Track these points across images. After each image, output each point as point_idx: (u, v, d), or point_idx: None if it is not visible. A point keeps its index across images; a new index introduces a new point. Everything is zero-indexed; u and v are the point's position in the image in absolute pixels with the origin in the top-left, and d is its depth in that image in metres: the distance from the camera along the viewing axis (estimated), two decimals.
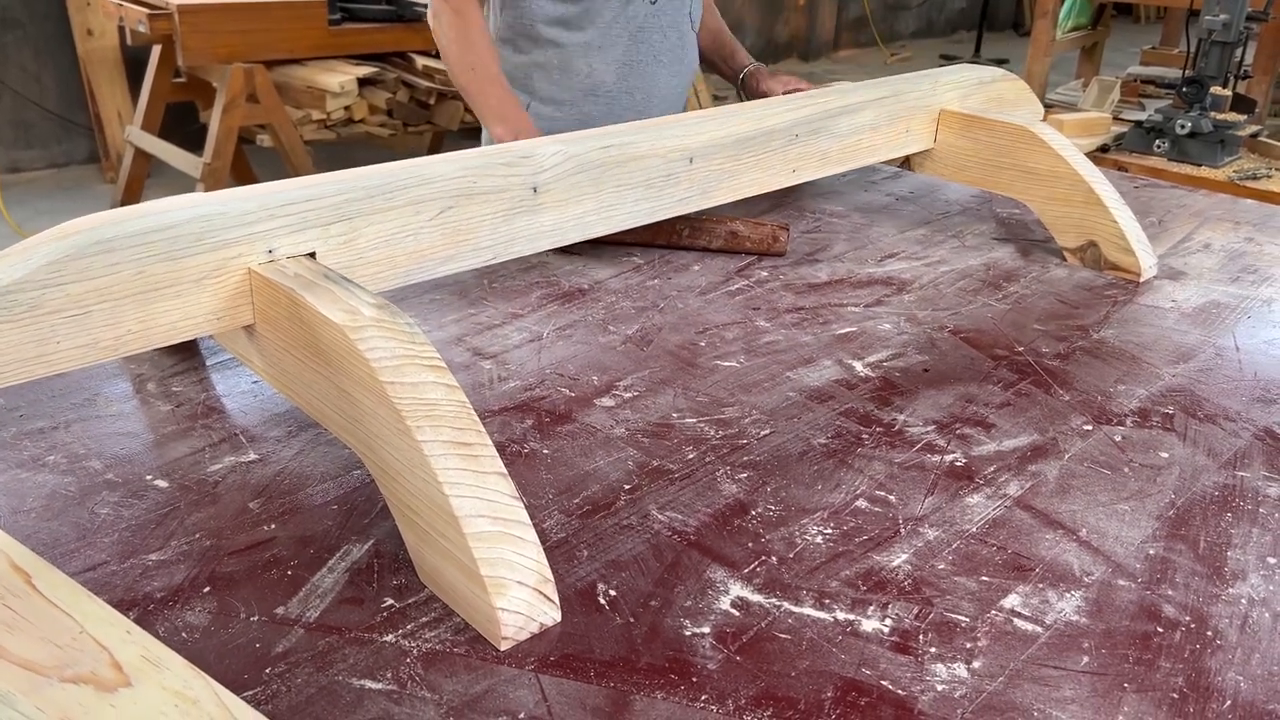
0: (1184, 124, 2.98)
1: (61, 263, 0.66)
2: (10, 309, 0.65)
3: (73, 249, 0.66)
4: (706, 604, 0.66)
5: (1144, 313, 1.12)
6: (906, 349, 1.01)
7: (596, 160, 0.97)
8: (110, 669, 0.52)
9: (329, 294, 0.69)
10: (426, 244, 0.86)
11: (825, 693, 0.59)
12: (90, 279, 0.68)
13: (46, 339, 0.67)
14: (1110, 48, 5.49)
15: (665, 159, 1.04)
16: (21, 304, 0.65)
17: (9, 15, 4.36)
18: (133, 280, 0.70)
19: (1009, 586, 0.68)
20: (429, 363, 0.66)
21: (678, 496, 0.77)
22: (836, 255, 1.25)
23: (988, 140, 1.30)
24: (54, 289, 0.66)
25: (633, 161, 1.01)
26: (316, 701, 0.57)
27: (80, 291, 0.67)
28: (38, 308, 0.66)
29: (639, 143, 1.01)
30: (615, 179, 1.00)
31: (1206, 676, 0.61)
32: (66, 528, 0.71)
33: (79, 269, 0.67)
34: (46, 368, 0.68)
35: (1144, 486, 0.80)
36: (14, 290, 0.65)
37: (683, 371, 0.95)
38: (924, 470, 0.81)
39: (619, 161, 0.99)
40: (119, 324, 0.70)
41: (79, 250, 0.67)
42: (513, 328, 1.03)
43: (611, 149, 0.99)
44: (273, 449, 0.81)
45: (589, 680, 0.59)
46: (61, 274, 0.66)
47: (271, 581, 0.66)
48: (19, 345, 0.66)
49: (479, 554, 0.61)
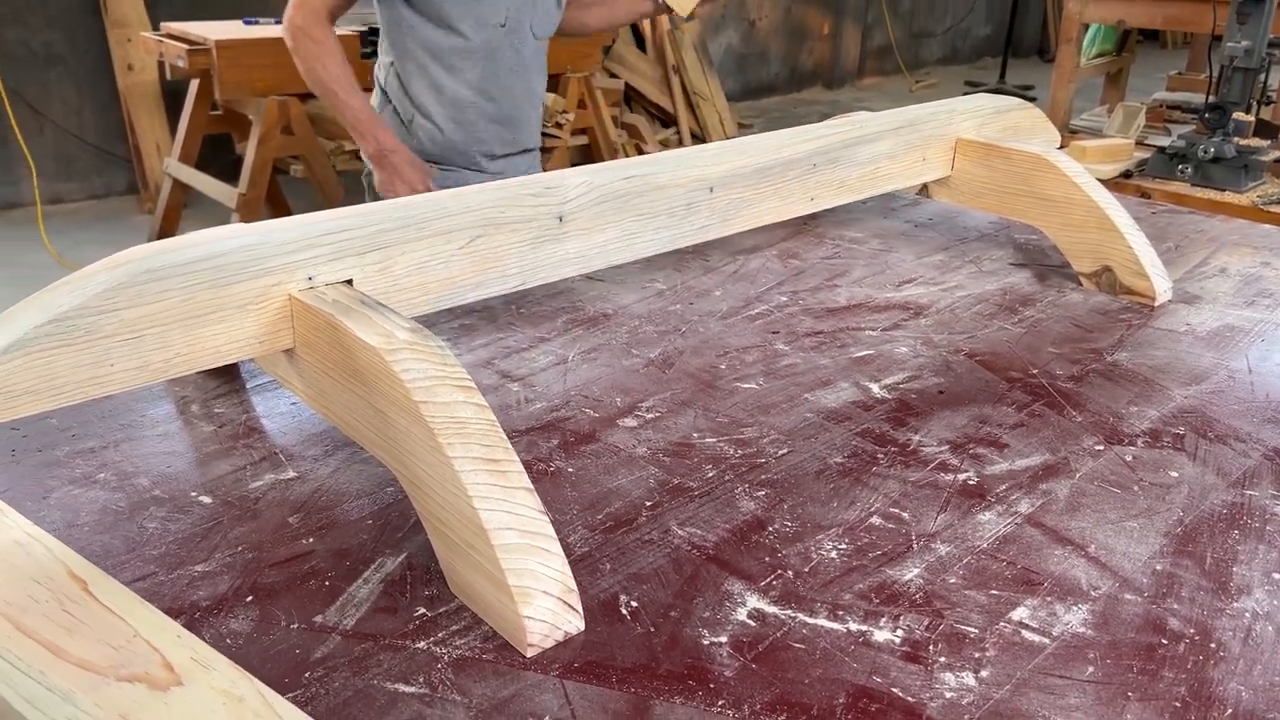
0: (1207, 149, 2.99)
1: (116, 290, 0.70)
2: (69, 333, 0.69)
3: (126, 277, 0.71)
4: (724, 615, 0.69)
5: (1158, 336, 1.14)
6: (922, 371, 1.04)
7: (620, 190, 1.01)
8: (162, 669, 0.56)
9: (365, 319, 0.73)
10: (457, 271, 0.90)
11: (837, 699, 0.62)
12: (142, 305, 0.72)
13: (101, 361, 0.72)
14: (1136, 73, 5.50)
15: (686, 188, 1.07)
16: (79, 328, 0.69)
17: (53, 51, 4.50)
18: (181, 306, 0.74)
19: (1018, 600, 0.71)
20: (460, 383, 0.69)
21: (697, 513, 0.80)
22: (855, 280, 1.28)
23: (1004, 168, 1.33)
24: (109, 314, 0.71)
25: (655, 191, 1.05)
26: (353, 704, 0.60)
27: (133, 317, 0.72)
28: (94, 332, 0.70)
29: (661, 173, 1.05)
30: (637, 208, 1.04)
31: (1209, 686, 0.63)
32: (117, 541, 0.75)
33: (131, 295, 0.71)
34: (100, 389, 0.73)
35: (1153, 504, 0.82)
36: (73, 316, 0.69)
37: (703, 393, 0.98)
38: (937, 488, 0.84)
39: (641, 191, 1.03)
40: (168, 347, 0.74)
41: (132, 278, 0.71)
42: (539, 351, 1.07)
43: (634, 179, 1.03)
44: (310, 467, 0.84)
45: (611, 686, 0.62)
46: (115, 300, 0.71)
47: (310, 591, 0.70)
48: (76, 368, 0.71)
49: (506, 565, 0.64)
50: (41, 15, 4.43)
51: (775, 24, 7.31)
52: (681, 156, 1.08)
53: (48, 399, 0.70)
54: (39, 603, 0.60)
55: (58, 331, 0.69)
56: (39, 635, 0.58)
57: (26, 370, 0.68)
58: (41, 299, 0.70)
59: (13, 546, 0.65)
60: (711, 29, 6.70)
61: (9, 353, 0.67)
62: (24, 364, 0.68)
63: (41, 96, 4.51)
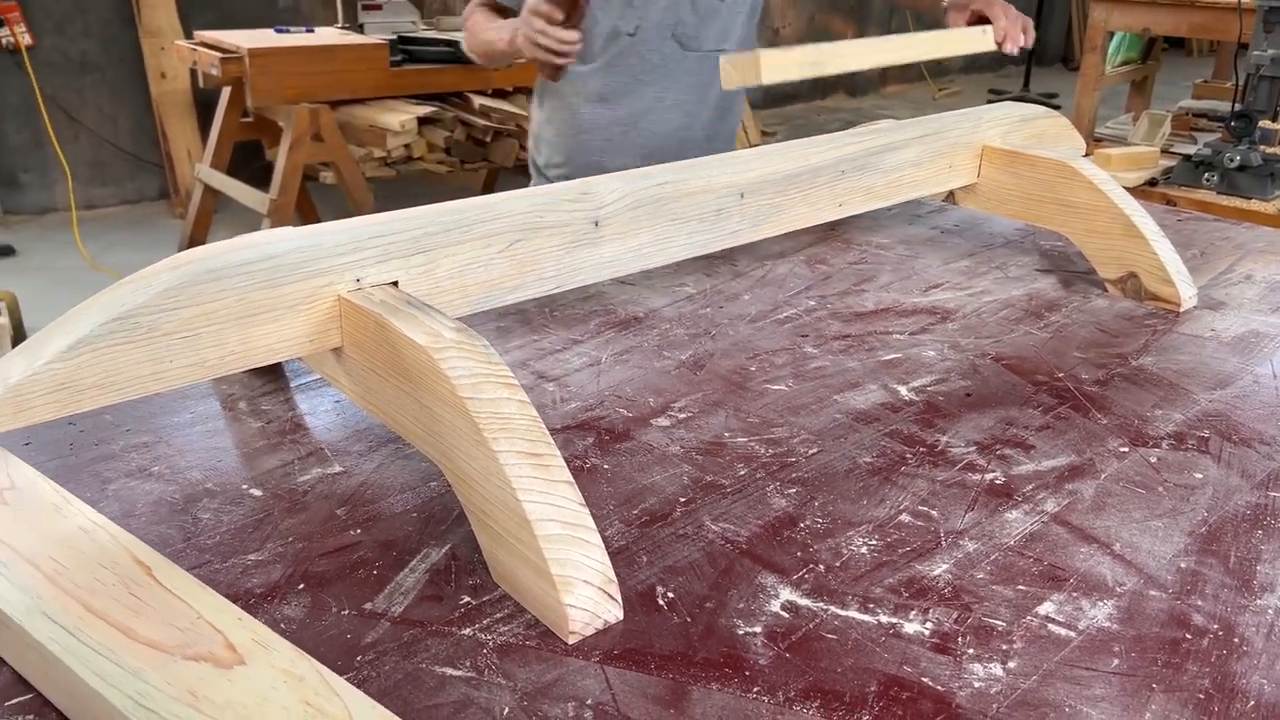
0: (1233, 157, 2.99)
1: (177, 289, 0.74)
2: (132, 331, 0.72)
3: (186, 277, 0.74)
4: (758, 606, 0.71)
5: (1183, 341, 1.15)
6: (950, 374, 1.06)
7: (653, 195, 1.04)
8: (225, 649, 0.59)
9: (413, 318, 0.76)
10: (497, 274, 0.93)
11: (869, 687, 0.64)
12: (200, 304, 0.75)
13: (160, 358, 0.75)
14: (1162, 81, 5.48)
15: (717, 194, 1.10)
16: (142, 326, 0.73)
17: (88, 60, 4.58)
18: (236, 305, 0.77)
19: (1044, 595, 0.73)
20: (504, 380, 0.72)
21: (730, 509, 0.82)
22: (883, 285, 1.30)
23: (1029, 175, 1.35)
24: (169, 313, 0.74)
25: (687, 197, 1.07)
26: (403, 686, 0.63)
27: (191, 315, 0.75)
28: (155, 330, 0.74)
29: (692, 179, 1.07)
30: (670, 213, 1.06)
31: (1232, 679, 0.65)
32: (173, 530, 0.78)
33: (191, 295, 0.74)
34: (160, 384, 0.76)
35: (1177, 505, 0.84)
36: (136, 314, 0.72)
37: (734, 394, 1.00)
38: (965, 488, 0.86)
39: (674, 197, 1.06)
40: (223, 345, 0.77)
41: (192, 278, 0.74)
42: (573, 353, 1.09)
43: (667, 185, 1.05)
44: (355, 462, 0.87)
45: (650, 672, 0.65)
46: (176, 299, 0.74)
47: (359, 580, 0.72)
48: (137, 363, 0.74)
49: (549, 554, 0.67)
50: (79, 25, 4.52)
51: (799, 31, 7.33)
52: (712, 164, 1.11)
53: (111, 393, 0.73)
54: (106, 586, 0.63)
55: (121, 329, 0.72)
56: (109, 616, 0.61)
57: (93, 365, 0.71)
58: (106, 297, 0.73)
59: (78, 533, 0.69)
60: None
61: (76, 349, 0.70)
62: (90, 359, 0.71)
63: (77, 103, 4.59)
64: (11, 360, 0.71)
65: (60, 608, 0.61)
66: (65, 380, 0.71)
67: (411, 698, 0.62)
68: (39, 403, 0.70)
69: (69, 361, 0.71)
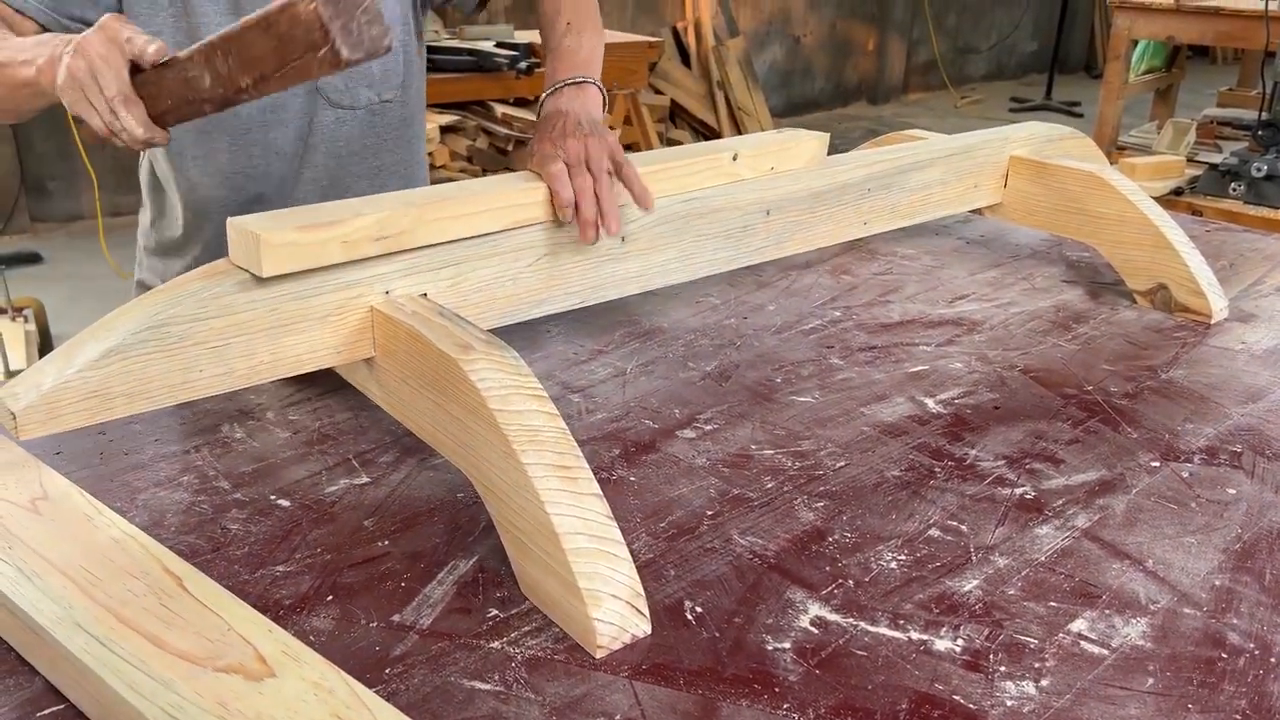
0: (1260, 167, 2.96)
1: (208, 300, 0.74)
2: (163, 339, 0.73)
3: (219, 287, 0.74)
4: (787, 622, 0.70)
5: (1213, 354, 1.14)
6: (977, 387, 1.05)
7: (680, 212, 1.04)
8: (256, 661, 0.59)
9: (443, 329, 0.76)
10: (524, 288, 0.93)
11: (900, 705, 0.63)
12: (231, 314, 0.75)
13: (191, 367, 0.75)
14: (1186, 89, 5.44)
15: (743, 211, 1.10)
16: (174, 335, 0.73)
17: None
18: (267, 317, 0.77)
19: (1076, 612, 0.72)
20: (533, 392, 0.72)
21: (758, 522, 0.81)
22: (909, 296, 1.29)
23: (1057, 186, 1.34)
24: (201, 323, 0.74)
25: (712, 214, 1.07)
26: (433, 699, 0.63)
27: (222, 325, 0.75)
28: (186, 339, 0.74)
29: (717, 196, 1.07)
30: (696, 230, 1.06)
31: (1269, 699, 0.64)
32: (202, 540, 0.78)
33: (222, 305, 0.75)
34: (190, 393, 0.76)
35: (1211, 521, 0.83)
36: (169, 323, 0.73)
37: (760, 406, 1.00)
38: (994, 502, 0.85)
39: (700, 214, 1.06)
40: (253, 355, 0.78)
41: (225, 289, 0.74)
42: (598, 364, 1.09)
43: (694, 201, 1.05)
44: (383, 473, 0.87)
45: (679, 688, 0.64)
46: (207, 309, 0.74)
47: (387, 592, 0.73)
48: (168, 372, 0.74)
49: (577, 568, 0.67)
50: None
51: (820, 39, 7.32)
52: (740, 182, 1.10)
53: (140, 401, 0.74)
54: (137, 596, 0.64)
55: (154, 338, 0.72)
56: (140, 627, 0.61)
57: (124, 374, 0.72)
58: (139, 306, 0.74)
59: (110, 544, 0.69)
60: (756, 45, 6.73)
61: (108, 357, 0.71)
62: (121, 368, 0.72)
63: None
64: (43, 368, 0.72)
65: (92, 618, 0.61)
66: (97, 388, 0.71)
67: (441, 711, 0.62)
68: (69, 410, 0.71)
69: (101, 369, 0.71)
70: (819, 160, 1.16)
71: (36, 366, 0.72)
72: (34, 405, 0.69)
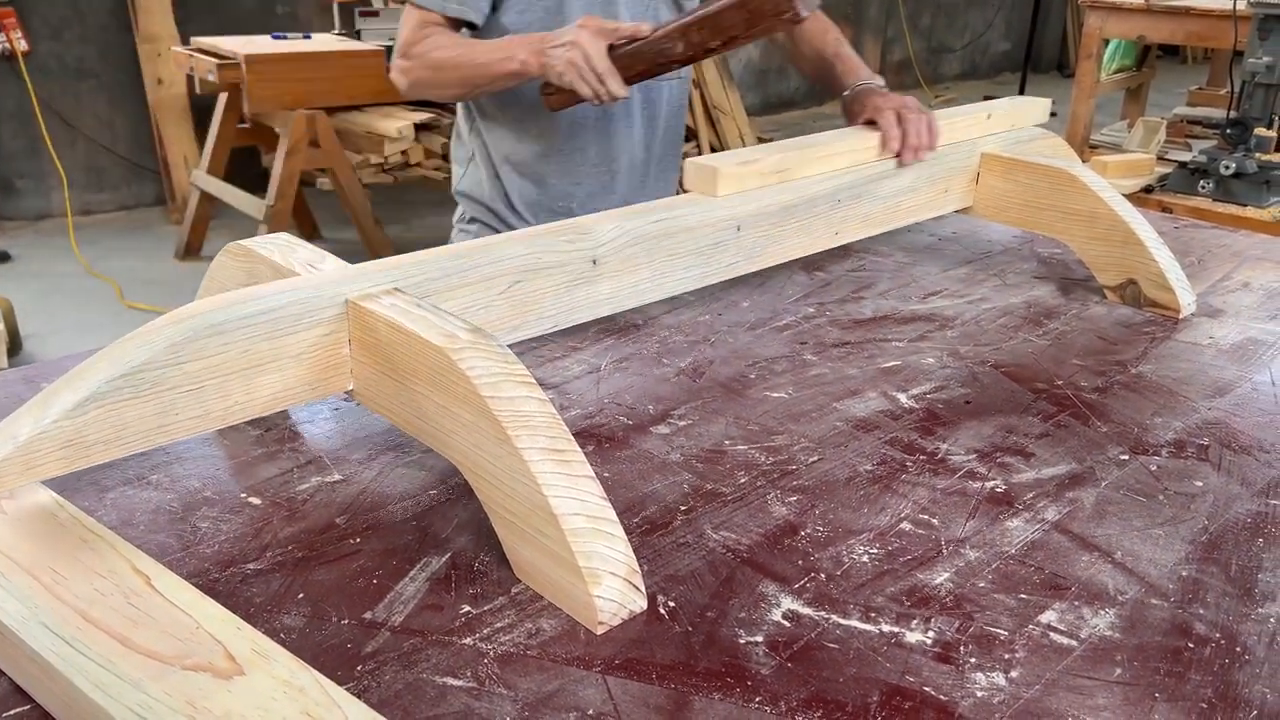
0: (1228, 165, 3.00)
1: (180, 344, 0.73)
2: (137, 387, 0.72)
3: (190, 331, 0.74)
4: (759, 615, 0.71)
5: (1182, 349, 1.15)
6: (949, 382, 1.06)
7: (650, 232, 1.04)
8: (225, 660, 0.59)
9: (426, 321, 0.76)
10: (496, 316, 0.93)
11: (871, 697, 0.64)
12: (204, 358, 0.75)
13: (166, 411, 0.74)
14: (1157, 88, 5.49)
15: (714, 228, 1.10)
16: (147, 382, 0.72)
17: (85, 66, 4.57)
18: (239, 358, 0.76)
19: (1046, 603, 0.72)
20: (522, 379, 0.72)
21: (731, 517, 0.82)
22: (881, 293, 1.30)
23: (1028, 183, 1.35)
24: (173, 368, 0.73)
25: (683, 232, 1.07)
26: (404, 696, 0.63)
27: (196, 369, 0.74)
28: (160, 384, 0.73)
29: (689, 215, 1.07)
30: (667, 249, 1.06)
31: (1234, 689, 0.65)
32: (172, 539, 0.77)
33: (195, 349, 0.74)
34: (166, 437, 0.75)
35: (1178, 513, 0.84)
36: (141, 370, 0.72)
37: (734, 402, 1.00)
38: (965, 496, 0.85)
39: (671, 232, 1.06)
40: (228, 396, 0.77)
41: (195, 333, 0.74)
42: (572, 360, 1.09)
43: (664, 221, 1.05)
44: (354, 470, 0.87)
45: (651, 682, 0.64)
46: (180, 354, 0.73)
47: (359, 589, 0.72)
48: (143, 418, 0.73)
49: (576, 548, 0.67)
50: (76, 30, 4.51)
51: None
52: (709, 199, 1.10)
53: (117, 448, 0.73)
54: (105, 596, 0.63)
55: (128, 385, 0.72)
56: (107, 626, 0.60)
57: (100, 422, 0.71)
58: (111, 354, 0.73)
59: (77, 543, 0.68)
60: None
61: (83, 406, 0.70)
62: (97, 416, 0.71)
63: (73, 109, 4.58)
64: (19, 418, 0.71)
65: (59, 618, 0.61)
66: (72, 437, 0.70)
67: (412, 708, 0.62)
68: (46, 460, 0.70)
69: (76, 419, 0.70)
70: (1043, 118, 1.50)
71: (12, 418, 0.71)
72: (10, 457, 0.68)
